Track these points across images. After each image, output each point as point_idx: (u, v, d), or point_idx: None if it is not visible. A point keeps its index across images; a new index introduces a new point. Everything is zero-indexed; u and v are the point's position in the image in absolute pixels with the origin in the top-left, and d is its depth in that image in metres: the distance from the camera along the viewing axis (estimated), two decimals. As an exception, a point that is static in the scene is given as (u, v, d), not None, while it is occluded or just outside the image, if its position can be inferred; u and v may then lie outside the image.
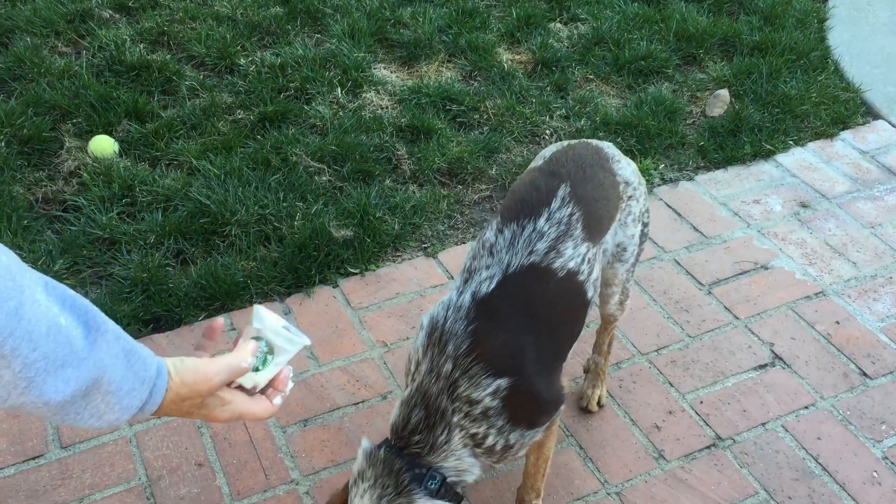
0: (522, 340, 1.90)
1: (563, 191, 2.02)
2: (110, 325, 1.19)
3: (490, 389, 1.84)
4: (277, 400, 1.43)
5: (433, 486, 1.83)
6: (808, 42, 4.27)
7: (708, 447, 2.54)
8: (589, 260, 2.04)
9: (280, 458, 2.48)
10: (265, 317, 1.42)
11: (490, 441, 1.88)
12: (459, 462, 1.87)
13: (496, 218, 2.06)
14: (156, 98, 3.78)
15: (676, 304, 2.99)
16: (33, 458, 2.45)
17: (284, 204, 3.25)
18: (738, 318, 2.95)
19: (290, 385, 1.46)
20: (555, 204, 2.00)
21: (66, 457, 2.46)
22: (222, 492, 2.39)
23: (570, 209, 2.00)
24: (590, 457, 2.51)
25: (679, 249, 3.21)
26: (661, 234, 3.25)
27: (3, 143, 3.44)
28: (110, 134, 3.53)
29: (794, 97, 3.91)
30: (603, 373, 2.61)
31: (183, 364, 1.29)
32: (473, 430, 1.86)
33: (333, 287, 3.01)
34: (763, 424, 2.61)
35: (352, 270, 3.08)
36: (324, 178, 3.42)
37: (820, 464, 2.50)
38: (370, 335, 2.84)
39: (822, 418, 2.63)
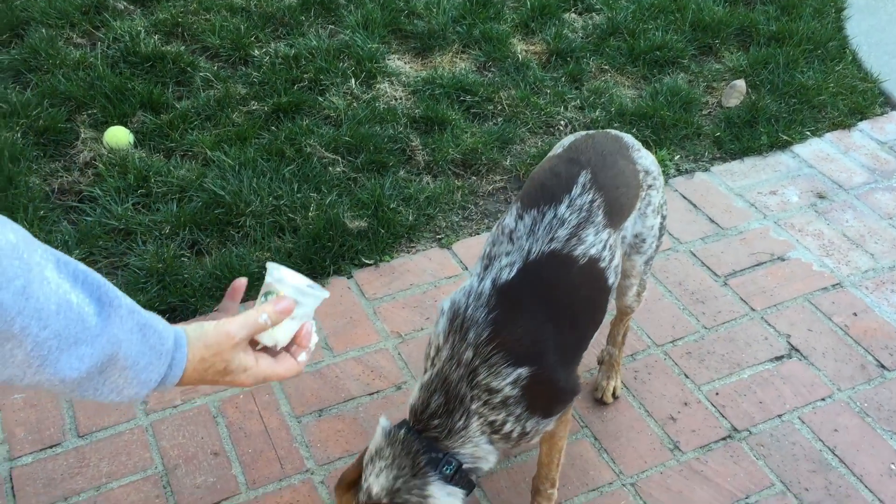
0: (543, 329, 1.89)
1: (583, 177, 2.01)
2: (124, 299, 1.18)
3: (510, 379, 1.84)
4: (302, 357, 1.40)
5: (448, 471, 1.82)
6: (825, 32, 4.23)
7: (724, 439, 2.53)
8: (610, 246, 2.03)
9: (295, 447, 2.49)
10: (280, 271, 1.38)
11: (507, 428, 1.88)
12: (476, 449, 1.87)
13: (516, 204, 2.05)
14: (170, 89, 3.78)
15: (692, 296, 2.98)
16: (50, 447, 2.47)
17: (299, 195, 3.25)
18: (754, 309, 2.93)
19: (315, 339, 1.42)
20: (575, 190, 1.99)
21: (83, 445, 2.47)
22: (238, 481, 2.40)
23: (591, 196, 1.99)
24: (604, 448, 2.51)
25: (695, 241, 3.19)
26: (676, 225, 3.23)
27: (19, 134, 3.46)
28: (125, 125, 3.54)
29: (812, 87, 3.87)
30: (617, 364, 2.60)
31: (202, 328, 1.27)
32: (492, 418, 1.86)
33: (348, 278, 3.01)
34: (779, 416, 2.59)
35: (366, 261, 3.08)
36: (338, 169, 3.42)
37: (837, 456, 2.49)
38: (384, 326, 2.84)
39: (839, 410, 2.61)
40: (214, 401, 2.60)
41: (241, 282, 1.43)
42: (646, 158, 2.23)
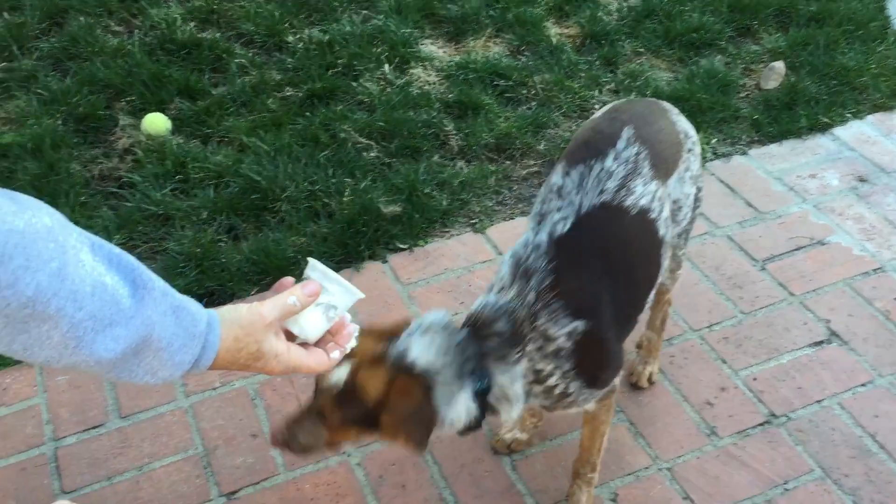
0: (602, 285, 1.91)
1: (627, 132, 2.03)
2: (158, 282, 1.20)
3: (567, 329, 1.84)
4: (335, 354, 1.42)
5: (480, 387, 1.81)
6: (866, 12, 4.14)
7: (762, 424, 2.51)
8: (659, 198, 2.04)
9: (332, 430, 2.51)
10: (315, 263, 1.40)
11: (552, 381, 1.88)
12: (510, 388, 1.85)
13: (560, 163, 2.07)
14: (206, 76, 3.81)
15: (729, 281, 2.95)
16: (94, 428, 2.52)
17: (333, 180, 3.27)
18: (793, 294, 2.89)
19: (353, 343, 1.45)
20: (620, 144, 2.01)
21: (126, 426, 2.52)
22: (276, 462, 2.43)
23: (636, 148, 2.01)
24: (640, 433, 2.50)
25: (732, 225, 3.16)
26: (713, 209, 3.20)
27: (59, 122, 3.51)
28: (163, 112, 3.58)
29: (853, 69, 3.80)
30: (656, 349, 2.58)
31: (237, 310, 1.30)
32: (540, 366, 1.86)
33: (382, 262, 3.02)
34: (819, 402, 2.57)
35: (400, 246, 3.09)
36: (372, 155, 3.43)
37: (877, 442, 2.46)
38: (419, 310, 2.86)
39: (880, 396, 2.58)
40: (252, 383, 2.63)
41: (288, 280, 1.44)
42: (685, 122, 2.25)
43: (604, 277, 1.91)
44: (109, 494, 2.35)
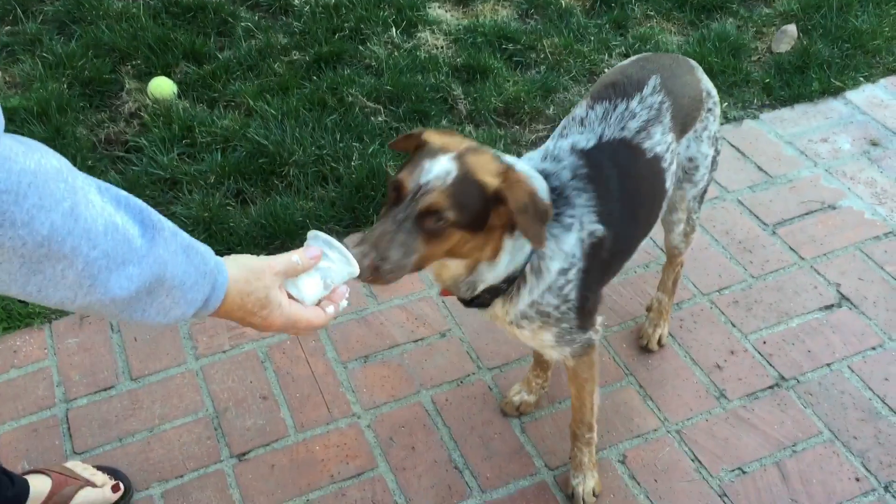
0: (618, 205, 1.90)
1: (654, 80, 2.04)
2: (166, 222, 1.21)
3: (589, 228, 1.85)
4: (330, 309, 1.45)
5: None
6: (881, -26, 4.07)
7: (771, 387, 2.51)
8: (672, 150, 2.05)
9: (342, 392, 2.52)
10: (322, 237, 1.43)
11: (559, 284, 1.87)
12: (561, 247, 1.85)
13: (585, 99, 2.06)
14: (212, 40, 3.78)
15: (739, 245, 2.93)
16: (104, 390, 2.53)
17: (341, 144, 3.25)
18: (803, 258, 2.88)
19: (345, 303, 1.48)
20: (646, 90, 2.02)
21: (136, 388, 2.53)
22: (286, 423, 2.44)
23: (660, 97, 2.02)
24: (649, 395, 2.50)
25: (743, 189, 3.14)
26: (724, 173, 3.17)
27: (65, 85, 3.49)
28: (169, 75, 3.55)
29: (866, 32, 3.75)
30: (666, 312, 2.58)
31: (243, 257, 1.34)
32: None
33: (391, 226, 3.01)
34: (828, 365, 2.56)
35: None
36: (380, 119, 3.41)
37: (887, 404, 2.45)
38: (428, 274, 2.85)
39: (891, 359, 2.57)
40: (262, 346, 2.64)
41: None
42: (708, 82, 2.24)
43: (616, 202, 1.91)
44: (120, 455, 2.37)
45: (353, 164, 3.17)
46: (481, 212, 1.63)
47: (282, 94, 3.49)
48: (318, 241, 1.43)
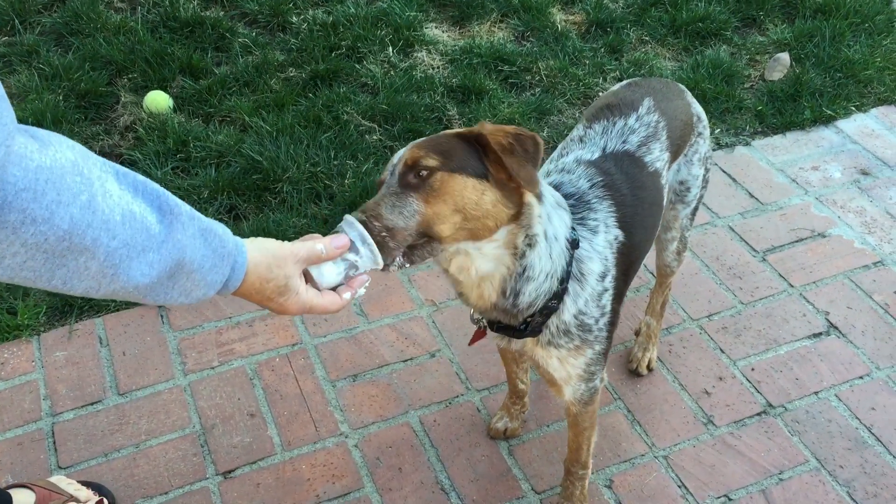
0: (631, 210, 1.87)
1: (648, 101, 2.05)
2: (183, 206, 1.23)
3: (611, 234, 1.83)
4: (347, 295, 1.45)
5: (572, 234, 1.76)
6: (873, 5, 4.12)
7: (758, 414, 2.52)
8: (667, 169, 2.06)
9: (330, 411, 2.51)
10: (358, 229, 1.42)
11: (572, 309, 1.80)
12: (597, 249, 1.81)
13: (580, 122, 2.07)
14: (209, 55, 3.80)
15: (729, 271, 2.95)
16: (91, 404, 2.52)
17: (335, 162, 3.26)
18: (792, 285, 2.89)
19: (363, 291, 1.48)
20: (642, 109, 2.03)
21: (123, 403, 2.52)
22: (273, 442, 2.43)
23: (655, 117, 2.02)
24: (637, 420, 2.50)
25: (733, 215, 3.16)
26: (715, 199, 3.19)
27: (61, 98, 3.50)
28: (165, 90, 3.56)
29: (858, 61, 3.79)
30: (655, 336, 2.59)
31: (266, 241, 1.36)
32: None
33: (383, 245, 3.02)
34: (816, 393, 2.57)
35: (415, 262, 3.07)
36: (374, 137, 3.42)
37: (874, 434, 2.46)
38: (419, 294, 2.85)
39: (878, 388, 2.58)
40: (251, 363, 2.63)
41: (316, 236, 1.48)
42: (698, 106, 2.25)
43: (632, 208, 1.88)
44: (106, 471, 2.35)
45: (346, 181, 3.18)
46: (468, 157, 1.53)
47: (277, 111, 3.51)
48: (352, 230, 1.43)
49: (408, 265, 1.49)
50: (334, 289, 1.46)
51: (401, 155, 1.56)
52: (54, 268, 1.09)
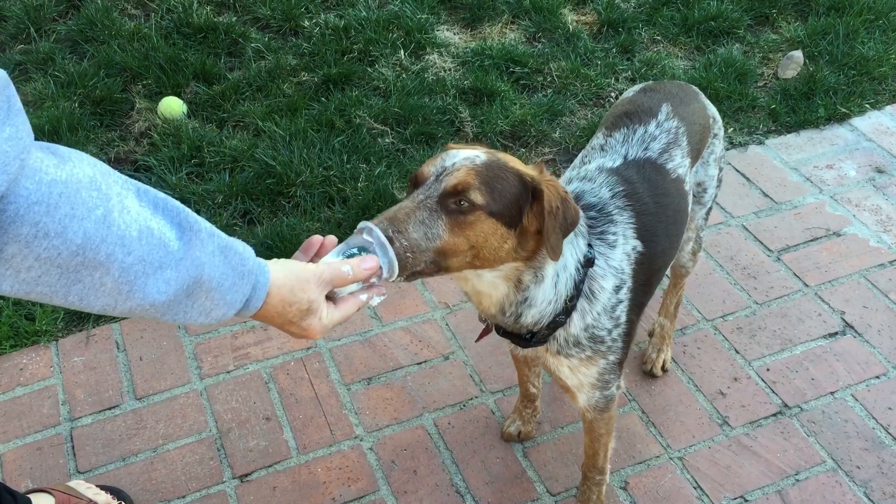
0: (653, 219, 1.86)
1: (665, 107, 2.04)
2: (203, 224, 1.22)
3: (629, 245, 1.81)
4: (363, 296, 1.42)
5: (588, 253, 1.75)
6: (887, 1, 4.10)
7: (774, 415, 2.51)
8: (688, 173, 2.04)
9: (345, 414, 2.53)
10: (380, 239, 1.37)
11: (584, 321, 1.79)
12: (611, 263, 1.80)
13: (600, 130, 2.06)
14: (222, 60, 3.82)
15: (744, 271, 2.94)
16: (109, 409, 2.54)
17: (348, 166, 3.27)
18: (807, 285, 2.88)
19: (378, 300, 1.44)
20: (661, 115, 2.02)
21: (141, 408, 2.54)
22: (289, 445, 2.45)
23: (675, 122, 2.02)
24: (652, 421, 2.50)
25: (747, 215, 3.14)
26: (729, 199, 3.18)
27: (76, 104, 3.53)
28: (179, 95, 3.59)
29: (872, 59, 3.76)
30: (669, 336, 2.58)
31: (289, 263, 1.33)
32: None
33: (396, 248, 3.03)
34: (832, 393, 2.56)
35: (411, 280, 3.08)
36: (387, 141, 3.43)
37: (891, 434, 2.45)
38: (433, 297, 2.86)
39: (894, 388, 2.56)
40: (266, 367, 2.65)
41: (316, 239, 1.45)
42: (713, 108, 2.25)
43: (654, 216, 1.87)
44: (124, 475, 2.37)
45: (359, 185, 3.19)
46: (513, 205, 1.48)
47: (290, 115, 3.52)
48: (372, 235, 1.37)
49: (402, 281, 1.46)
50: None
51: (455, 164, 1.47)
52: (69, 283, 1.08)
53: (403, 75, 3.75)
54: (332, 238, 1.45)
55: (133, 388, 2.59)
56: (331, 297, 1.40)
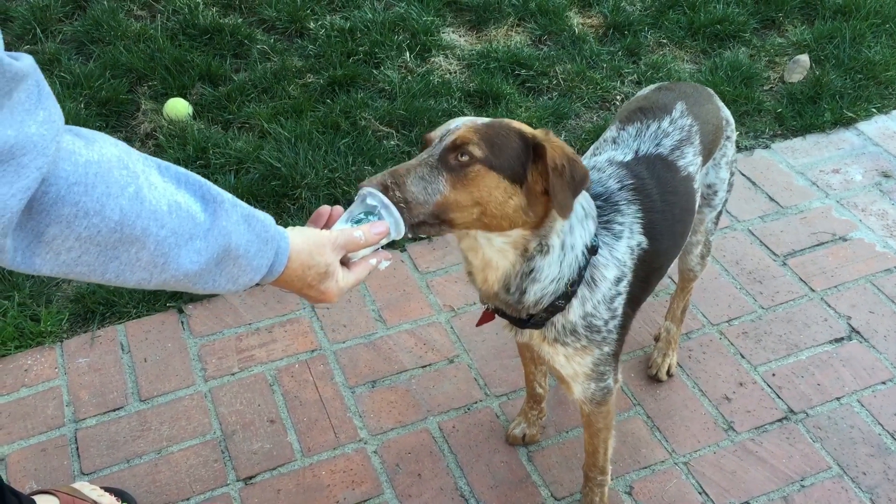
0: (660, 216, 1.86)
1: (680, 105, 2.04)
2: (225, 195, 1.26)
3: (634, 241, 1.81)
4: (373, 260, 1.49)
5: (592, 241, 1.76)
6: (894, 5, 4.09)
7: (780, 420, 2.50)
8: (699, 172, 2.04)
9: (349, 417, 2.52)
10: (382, 201, 1.44)
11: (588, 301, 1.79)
12: (612, 255, 1.80)
13: (613, 123, 2.06)
14: (228, 62, 3.82)
15: (749, 275, 2.93)
16: (113, 410, 2.54)
17: (353, 168, 3.27)
18: (813, 290, 2.87)
19: (386, 263, 1.52)
20: (675, 113, 2.02)
21: (145, 409, 2.54)
22: (293, 448, 2.45)
23: (689, 120, 2.02)
24: (657, 426, 2.49)
25: (753, 219, 3.14)
26: (734, 203, 3.17)
27: (82, 105, 3.53)
28: (184, 97, 3.59)
29: (879, 63, 3.75)
30: (675, 341, 2.58)
31: (305, 230, 1.39)
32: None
33: (401, 251, 3.03)
34: (838, 399, 2.55)
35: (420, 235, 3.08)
36: (392, 143, 3.43)
37: (897, 441, 2.44)
38: (437, 299, 2.86)
39: (901, 394, 2.56)
40: (270, 369, 2.65)
41: (325, 209, 1.51)
42: (726, 110, 2.24)
43: (661, 214, 1.87)
44: (128, 477, 2.37)
45: (364, 187, 3.19)
46: (514, 160, 1.51)
47: (295, 117, 3.52)
48: (374, 199, 1.44)
49: (410, 236, 1.52)
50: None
51: (457, 126, 1.54)
52: (107, 261, 1.12)
53: (409, 77, 3.75)
54: (339, 208, 1.51)
55: (137, 390, 2.59)
56: (344, 262, 1.46)
